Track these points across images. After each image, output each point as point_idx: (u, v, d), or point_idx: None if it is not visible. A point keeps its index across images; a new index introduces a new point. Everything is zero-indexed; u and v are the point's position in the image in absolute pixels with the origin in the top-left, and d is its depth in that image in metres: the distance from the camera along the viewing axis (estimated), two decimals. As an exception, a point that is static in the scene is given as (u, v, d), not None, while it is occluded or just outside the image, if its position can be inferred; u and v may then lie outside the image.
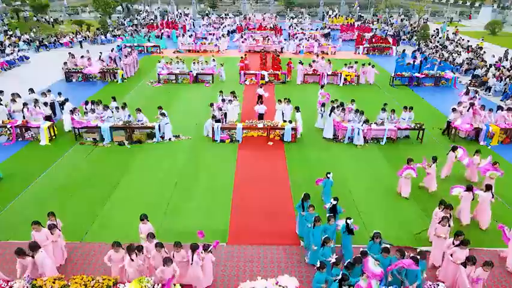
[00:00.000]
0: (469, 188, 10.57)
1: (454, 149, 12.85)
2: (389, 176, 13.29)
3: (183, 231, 10.12)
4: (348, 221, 8.96)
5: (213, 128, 15.74)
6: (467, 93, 19.44)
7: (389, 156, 14.92)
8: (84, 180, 12.90)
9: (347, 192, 12.30)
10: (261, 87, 20.28)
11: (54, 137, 15.98)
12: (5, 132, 15.73)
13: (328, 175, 11.27)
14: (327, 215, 9.38)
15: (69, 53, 25.89)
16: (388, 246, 8.46)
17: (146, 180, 13.00)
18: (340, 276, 7.37)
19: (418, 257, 7.79)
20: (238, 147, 15.44)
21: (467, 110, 16.81)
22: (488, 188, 10.51)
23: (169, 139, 16.03)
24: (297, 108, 16.65)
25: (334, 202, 9.73)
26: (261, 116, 17.20)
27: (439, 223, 8.92)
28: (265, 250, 9.71)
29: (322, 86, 19.81)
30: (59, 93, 18.38)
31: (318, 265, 7.60)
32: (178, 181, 12.90)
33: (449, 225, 8.75)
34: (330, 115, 16.12)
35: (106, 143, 15.57)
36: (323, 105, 17.19)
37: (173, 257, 8.00)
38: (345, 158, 14.85)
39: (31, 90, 18.04)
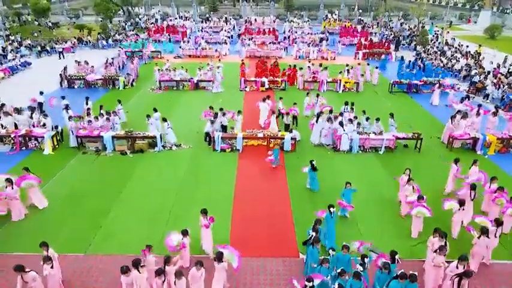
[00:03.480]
0: (462, 203, 10.75)
1: (456, 161, 12.99)
2: (387, 185, 13.53)
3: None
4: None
5: (214, 137, 15.97)
6: (461, 101, 19.67)
7: (388, 165, 15.14)
8: (87, 190, 13.13)
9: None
10: (280, 98, 19.68)
11: (57, 146, 16.21)
12: (9, 142, 15.95)
13: (332, 209, 10.40)
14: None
15: (76, 61, 26.05)
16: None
17: (148, 190, 13.22)
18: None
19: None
20: (239, 157, 15.67)
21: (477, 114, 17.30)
22: (499, 223, 9.85)
23: (171, 148, 16.27)
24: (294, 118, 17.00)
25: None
26: (287, 127, 17.55)
27: (435, 252, 8.82)
28: (264, 262, 9.93)
29: (317, 95, 20.13)
30: (63, 97, 18.95)
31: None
32: (180, 191, 13.13)
33: (445, 254, 8.78)
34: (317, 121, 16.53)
35: (108, 153, 15.80)
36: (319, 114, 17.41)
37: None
38: (344, 167, 15.07)
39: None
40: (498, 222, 9.86)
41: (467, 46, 35.71)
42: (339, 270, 8.17)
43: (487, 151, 16.27)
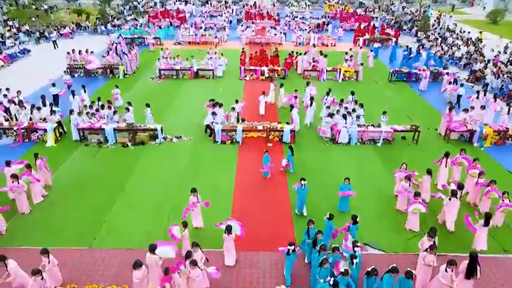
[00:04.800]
0: (454, 194, 11.06)
1: (447, 155, 13.24)
2: (385, 178, 13.81)
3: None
4: None
5: (214, 129, 16.16)
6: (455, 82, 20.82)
7: (385, 158, 15.37)
8: (91, 183, 13.41)
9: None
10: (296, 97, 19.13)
11: (59, 138, 16.43)
12: (11, 134, 16.15)
13: (303, 181, 11.62)
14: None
15: (72, 50, 25.88)
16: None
17: (150, 183, 13.49)
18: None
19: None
20: (239, 149, 15.90)
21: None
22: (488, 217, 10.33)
23: (171, 140, 16.49)
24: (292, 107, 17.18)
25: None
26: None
27: (425, 251, 9.02)
28: (264, 256, 10.28)
29: (307, 84, 20.37)
30: (53, 84, 19.43)
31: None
32: (181, 184, 13.39)
33: (435, 253, 9.03)
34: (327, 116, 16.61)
35: (110, 145, 16.02)
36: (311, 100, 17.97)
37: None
38: (342, 159, 15.32)
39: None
40: (460, 186, 11.69)
41: (469, 32, 35.50)
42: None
43: (483, 143, 16.49)
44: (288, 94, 19.36)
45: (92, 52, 25.79)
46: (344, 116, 16.22)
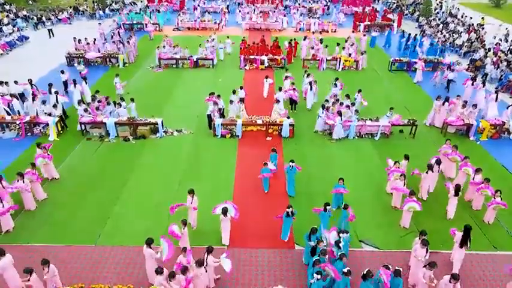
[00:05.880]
0: (430, 167, 12.53)
1: (438, 162, 13.28)
2: (381, 173, 14.04)
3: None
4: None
5: (214, 124, 16.37)
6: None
7: (383, 152, 15.59)
8: (93, 179, 13.73)
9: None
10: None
11: (61, 132, 16.66)
12: (14, 128, 16.37)
13: (291, 163, 12.76)
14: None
15: (74, 38, 25.82)
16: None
17: (152, 179, 13.81)
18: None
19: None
20: (238, 143, 16.14)
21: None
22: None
23: (172, 133, 16.73)
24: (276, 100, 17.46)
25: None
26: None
27: (425, 267, 9.23)
28: (262, 253, 10.69)
29: (308, 74, 20.29)
30: (62, 71, 20.35)
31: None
32: (182, 180, 13.71)
33: (427, 250, 9.47)
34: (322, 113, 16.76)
35: (112, 138, 16.27)
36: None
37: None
38: (340, 154, 15.59)
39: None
40: (438, 163, 12.92)
41: (471, 18, 35.13)
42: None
43: (479, 137, 16.72)
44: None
45: (94, 39, 26.00)
46: (339, 113, 16.37)
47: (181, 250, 9.29)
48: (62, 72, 20.36)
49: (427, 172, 12.61)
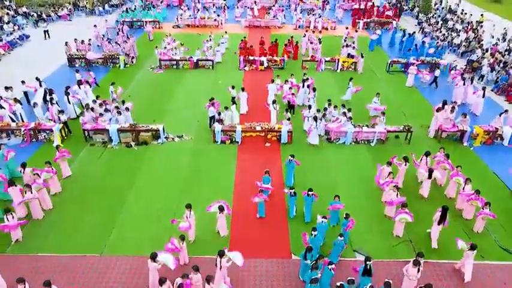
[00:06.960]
0: (406, 159, 13.94)
1: (427, 154, 14.16)
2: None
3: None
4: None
5: (214, 130, 16.77)
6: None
7: (378, 158, 15.96)
8: (98, 187, 14.17)
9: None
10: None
11: (65, 138, 17.07)
12: (19, 134, 16.77)
13: (290, 157, 13.75)
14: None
15: (75, 39, 26.01)
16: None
17: (154, 186, 14.25)
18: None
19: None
20: (238, 150, 16.56)
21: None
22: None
23: (173, 139, 17.14)
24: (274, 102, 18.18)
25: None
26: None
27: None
28: (260, 263, 11.20)
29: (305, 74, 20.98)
30: (77, 71, 21.42)
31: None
32: (183, 187, 14.19)
33: (419, 270, 9.85)
34: (321, 119, 17.16)
35: (115, 145, 16.68)
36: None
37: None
38: (337, 160, 16.04)
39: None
40: (406, 160, 14.09)
41: (471, 15, 35.17)
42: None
43: (473, 143, 17.14)
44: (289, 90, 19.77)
45: (90, 40, 26.16)
46: (315, 118, 16.75)
47: (182, 277, 9.63)
48: (77, 71, 21.39)
49: (405, 164, 13.99)
